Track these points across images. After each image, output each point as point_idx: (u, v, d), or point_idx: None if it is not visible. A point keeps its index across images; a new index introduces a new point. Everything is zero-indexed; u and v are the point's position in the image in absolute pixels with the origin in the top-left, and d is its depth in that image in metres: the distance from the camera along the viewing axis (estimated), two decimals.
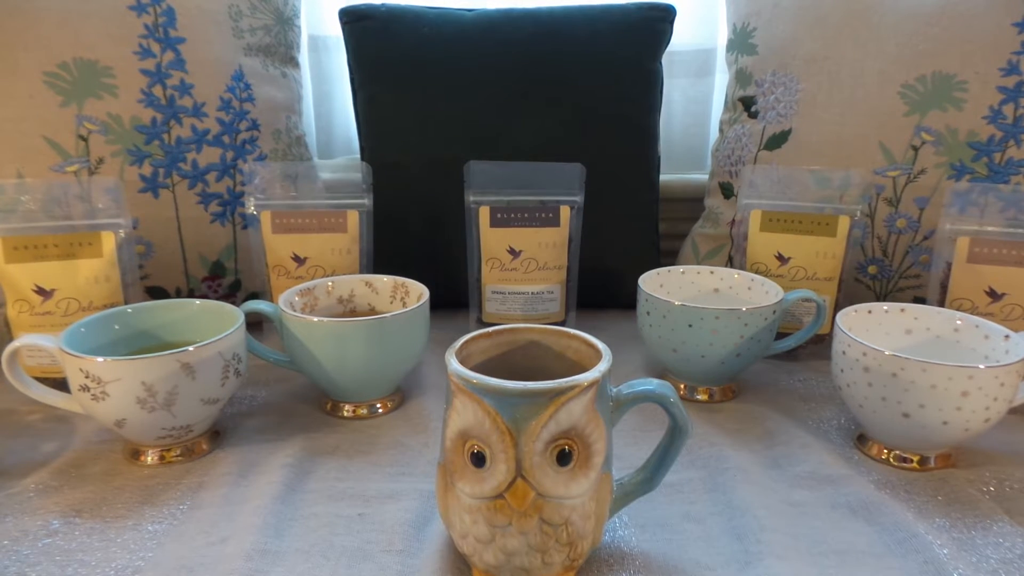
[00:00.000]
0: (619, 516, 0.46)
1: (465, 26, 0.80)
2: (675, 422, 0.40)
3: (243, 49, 0.76)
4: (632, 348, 0.73)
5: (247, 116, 0.76)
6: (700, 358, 0.60)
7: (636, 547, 0.43)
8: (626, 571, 0.41)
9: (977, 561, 0.41)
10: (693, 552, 0.42)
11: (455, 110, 0.79)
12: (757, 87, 0.80)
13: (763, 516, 0.45)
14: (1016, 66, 0.66)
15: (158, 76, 0.70)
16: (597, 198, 0.75)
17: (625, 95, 0.81)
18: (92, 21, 0.68)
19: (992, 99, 0.67)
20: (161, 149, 0.71)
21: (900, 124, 0.70)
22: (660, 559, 0.42)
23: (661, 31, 0.82)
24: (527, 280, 0.71)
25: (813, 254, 0.69)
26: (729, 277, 0.68)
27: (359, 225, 0.71)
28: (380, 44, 0.80)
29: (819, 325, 0.65)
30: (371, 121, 0.82)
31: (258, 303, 0.59)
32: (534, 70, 0.79)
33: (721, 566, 0.41)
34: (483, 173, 0.70)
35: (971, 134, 0.68)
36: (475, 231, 0.71)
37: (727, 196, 0.84)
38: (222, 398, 0.53)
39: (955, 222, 0.63)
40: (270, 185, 0.71)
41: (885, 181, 0.72)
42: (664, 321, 0.60)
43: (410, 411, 0.61)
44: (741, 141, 0.81)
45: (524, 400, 0.34)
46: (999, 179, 0.68)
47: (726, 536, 0.44)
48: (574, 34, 0.80)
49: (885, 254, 0.74)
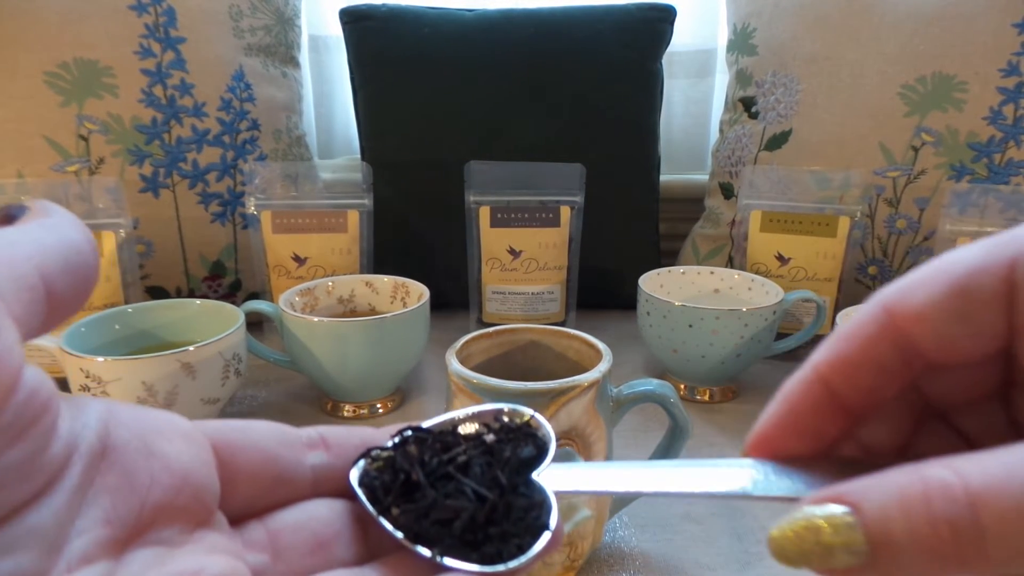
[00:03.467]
0: (619, 516, 0.46)
1: (465, 26, 0.80)
2: (675, 422, 0.40)
3: (243, 49, 0.76)
4: (632, 348, 0.73)
5: (247, 116, 0.76)
6: (700, 358, 0.60)
7: (636, 547, 0.43)
8: (626, 571, 0.41)
9: None
10: (693, 552, 0.42)
11: (455, 110, 0.79)
12: (757, 87, 0.80)
13: (763, 516, 0.45)
14: (1016, 67, 0.67)
15: (158, 76, 0.70)
16: (597, 198, 0.75)
17: (625, 95, 0.81)
18: (92, 21, 0.68)
19: (992, 100, 0.67)
20: (161, 149, 0.71)
21: (900, 125, 0.70)
22: (660, 559, 0.42)
23: (661, 31, 0.82)
24: (527, 280, 0.71)
25: (813, 254, 0.69)
26: (729, 277, 0.69)
27: (359, 225, 0.71)
28: (380, 44, 0.80)
29: (819, 325, 0.65)
30: (371, 121, 0.82)
31: (258, 303, 0.59)
32: (534, 70, 0.79)
33: (721, 566, 0.41)
34: (483, 173, 0.70)
35: (971, 135, 0.68)
36: (475, 231, 0.71)
37: (727, 196, 0.84)
38: (222, 398, 0.52)
39: (955, 223, 0.63)
40: (270, 185, 0.71)
41: (885, 182, 0.72)
42: (664, 321, 0.60)
43: (410, 411, 0.61)
44: (741, 141, 0.81)
45: (524, 400, 0.34)
46: (999, 180, 0.68)
47: (726, 536, 0.44)
48: (574, 34, 0.80)
49: (885, 255, 0.74)
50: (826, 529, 0.15)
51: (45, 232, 0.17)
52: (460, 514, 0.19)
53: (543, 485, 0.20)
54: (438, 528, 0.19)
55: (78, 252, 0.17)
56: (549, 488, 0.20)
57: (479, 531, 0.18)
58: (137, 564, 0.16)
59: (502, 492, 0.19)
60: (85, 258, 0.17)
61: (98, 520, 0.16)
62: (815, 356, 0.19)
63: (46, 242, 0.17)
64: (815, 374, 0.19)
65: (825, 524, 0.15)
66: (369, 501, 0.20)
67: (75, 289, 0.17)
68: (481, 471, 0.20)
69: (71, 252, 0.17)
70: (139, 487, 0.17)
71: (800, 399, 0.19)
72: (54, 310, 0.16)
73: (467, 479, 0.20)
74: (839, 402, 0.19)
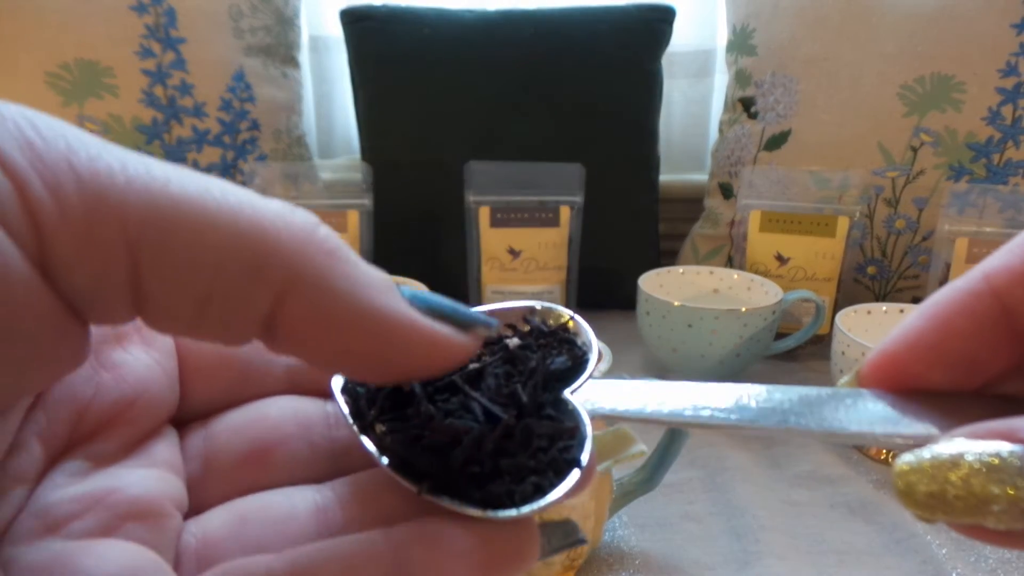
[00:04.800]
0: (619, 516, 0.46)
1: (465, 27, 0.80)
2: None
3: (244, 49, 0.76)
4: (632, 348, 0.73)
5: (247, 116, 0.76)
6: (700, 358, 0.60)
7: (636, 546, 0.43)
8: (626, 570, 0.41)
9: (975, 560, 0.42)
10: (692, 551, 0.43)
11: (455, 110, 0.79)
12: (757, 88, 0.80)
13: (762, 515, 0.45)
14: (1014, 67, 0.67)
15: (159, 76, 0.70)
16: (597, 198, 0.75)
17: (625, 96, 0.81)
18: (93, 22, 0.68)
19: (991, 100, 0.67)
20: (162, 149, 0.71)
21: (899, 125, 0.71)
22: (659, 558, 0.42)
23: (660, 32, 0.82)
24: (527, 280, 0.71)
25: (812, 254, 0.69)
26: (729, 277, 0.69)
27: (359, 225, 0.71)
28: (381, 44, 0.80)
29: (818, 325, 0.65)
30: (371, 121, 0.82)
31: None
32: (534, 70, 0.79)
33: (720, 565, 0.41)
34: (483, 173, 0.71)
35: (970, 135, 0.68)
36: (475, 231, 0.71)
37: (727, 197, 0.84)
38: None
39: (954, 223, 0.63)
40: (270, 185, 0.71)
41: (884, 182, 0.72)
42: (664, 321, 0.60)
43: None
44: (741, 142, 0.82)
45: None
46: (997, 180, 0.68)
47: (725, 535, 0.44)
48: (574, 35, 0.80)
49: (884, 254, 0.74)
50: (985, 472, 0.11)
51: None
52: (462, 438, 0.14)
53: (577, 406, 0.15)
54: (432, 456, 0.14)
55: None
56: (584, 410, 0.15)
57: (486, 462, 0.14)
58: (53, 483, 0.14)
59: (521, 412, 0.15)
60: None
61: (34, 436, 0.14)
62: (986, 262, 0.14)
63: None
64: (986, 283, 0.14)
65: (983, 466, 0.11)
66: (352, 415, 0.15)
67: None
68: (497, 384, 0.15)
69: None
70: (79, 400, 0.15)
71: (958, 315, 0.14)
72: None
73: (477, 393, 0.15)
74: (1015, 324, 0.14)
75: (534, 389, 0.15)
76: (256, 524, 0.15)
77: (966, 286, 0.14)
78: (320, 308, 0.13)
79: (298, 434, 0.16)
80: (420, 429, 0.15)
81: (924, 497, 0.12)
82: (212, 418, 0.17)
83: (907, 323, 0.15)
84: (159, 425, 0.16)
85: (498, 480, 0.14)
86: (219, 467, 0.16)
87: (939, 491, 0.11)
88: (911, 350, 0.15)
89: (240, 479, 0.16)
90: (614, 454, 0.26)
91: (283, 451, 0.16)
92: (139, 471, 0.15)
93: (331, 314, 0.13)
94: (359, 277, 0.13)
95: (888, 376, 0.15)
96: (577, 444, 0.15)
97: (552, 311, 0.18)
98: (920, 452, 0.12)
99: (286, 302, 0.13)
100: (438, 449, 0.14)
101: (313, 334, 0.13)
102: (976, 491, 0.11)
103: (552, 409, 0.15)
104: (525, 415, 0.15)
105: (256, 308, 0.13)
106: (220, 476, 0.16)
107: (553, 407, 0.15)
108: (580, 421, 0.15)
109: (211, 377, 0.17)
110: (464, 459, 0.14)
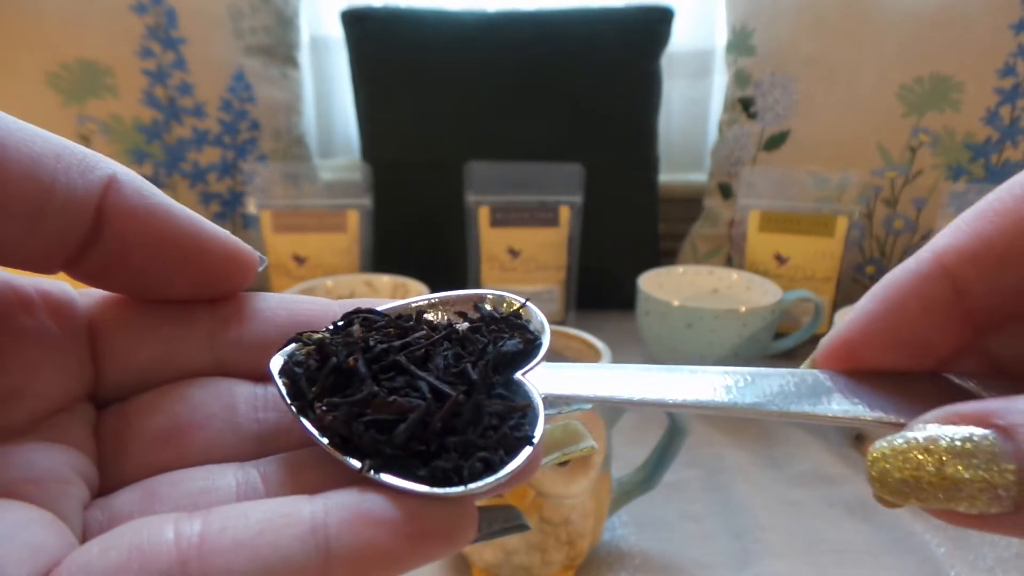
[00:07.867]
0: (618, 515, 0.46)
1: (465, 27, 0.80)
2: (673, 422, 0.41)
3: (244, 50, 0.76)
4: (631, 348, 0.73)
5: (247, 116, 0.76)
6: (699, 358, 0.60)
7: (635, 546, 0.43)
8: (625, 570, 0.41)
9: (974, 560, 0.42)
10: (692, 551, 0.43)
11: (455, 110, 0.79)
12: (756, 88, 0.80)
13: (761, 515, 0.45)
14: (1013, 68, 0.67)
15: (159, 76, 0.70)
16: (597, 198, 0.75)
17: (624, 96, 0.81)
18: (94, 22, 0.68)
19: (989, 101, 0.68)
20: (162, 149, 0.71)
21: (898, 125, 0.71)
22: (659, 558, 0.42)
23: (660, 32, 0.82)
24: (527, 280, 0.71)
25: (811, 254, 0.69)
26: (728, 277, 0.69)
27: (359, 225, 0.71)
28: (381, 45, 0.80)
29: (817, 325, 0.66)
30: (371, 121, 0.82)
31: None
32: (534, 71, 0.80)
33: (719, 565, 0.41)
34: (483, 173, 0.71)
35: (968, 135, 0.69)
36: (475, 231, 0.71)
37: (726, 197, 0.84)
38: None
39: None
40: (270, 185, 0.71)
41: (883, 182, 0.72)
42: (663, 321, 0.60)
43: None
44: (740, 142, 0.82)
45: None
46: (996, 180, 0.68)
47: (724, 535, 0.44)
48: (573, 35, 0.80)
49: (883, 254, 0.75)
50: (958, 458, 0.11)
51: None
52: (407, 414, 0.14)
53: (530, 387, 0.15)
54: (375, 433, 0.14)
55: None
56: (537, 391, 0.15)
57: (432, 440, 0.14)
58: None
59: (470, 390, 0.14)
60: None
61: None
62: (935, 243, 0.14)
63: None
64: (936, 265, 0.14)
65: (956, 451, 0.11)
66: (290, 396, 0.15)
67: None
68: (446, 364, 0.15)
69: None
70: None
71: (910, 297, 0.14)
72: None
73: (424, 373, 0.15)
74: (966, 304, 0.14)
75: (484, 368, 0.15)
76: (169, 500, 0.14)
77: (917, 267, 0.14)
78: (142, 197, 0.15)
79: (222, 415, 0.15)
80: (360, 405, 0.14)
81: (898, 484, 0.12)
82: (131, 399, 0.16)
83: (860, 307, 0.15)
84: (70, 402, 0.15)
85: (443, 455, 0.13)
86: (133, 446, 0.15)
87: (912, 477, 0.11)
88: (864, 334, 0.15)
89: (155, 459, 0.15)
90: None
91: (203, 432, 0.15)
92: (41, 445, 0.14)
93: (151, 204, 0.15)
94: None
95: (841, 358, 0.15)
96: (529, 422, 0.14)
97: (504, 299, 0.18)
98: (892, 439, 0.12)
99: (111, 190, 0.15)
100: (381, 426, 0.14)
101: (135, 227, 0.15)
102: (949, 476, 0.11)
103: (504, 389, 0.15)
104: (474, 393, 0.14)
105: (88, 200, 0.14)
106: (134, 456, 0.15)
107: (505, 388, 0.15)
108: (533, 401, 0.15)
109: (128, 353, 0.16)
110: (408, 436, 0.14)
